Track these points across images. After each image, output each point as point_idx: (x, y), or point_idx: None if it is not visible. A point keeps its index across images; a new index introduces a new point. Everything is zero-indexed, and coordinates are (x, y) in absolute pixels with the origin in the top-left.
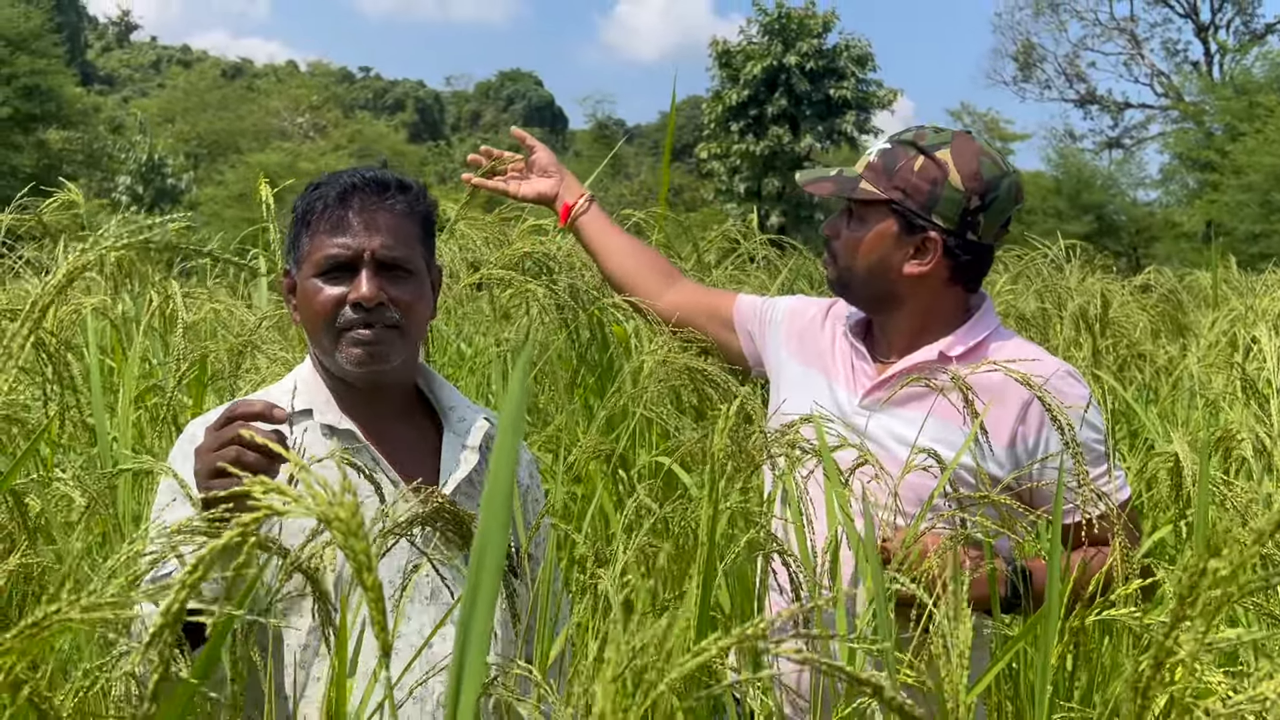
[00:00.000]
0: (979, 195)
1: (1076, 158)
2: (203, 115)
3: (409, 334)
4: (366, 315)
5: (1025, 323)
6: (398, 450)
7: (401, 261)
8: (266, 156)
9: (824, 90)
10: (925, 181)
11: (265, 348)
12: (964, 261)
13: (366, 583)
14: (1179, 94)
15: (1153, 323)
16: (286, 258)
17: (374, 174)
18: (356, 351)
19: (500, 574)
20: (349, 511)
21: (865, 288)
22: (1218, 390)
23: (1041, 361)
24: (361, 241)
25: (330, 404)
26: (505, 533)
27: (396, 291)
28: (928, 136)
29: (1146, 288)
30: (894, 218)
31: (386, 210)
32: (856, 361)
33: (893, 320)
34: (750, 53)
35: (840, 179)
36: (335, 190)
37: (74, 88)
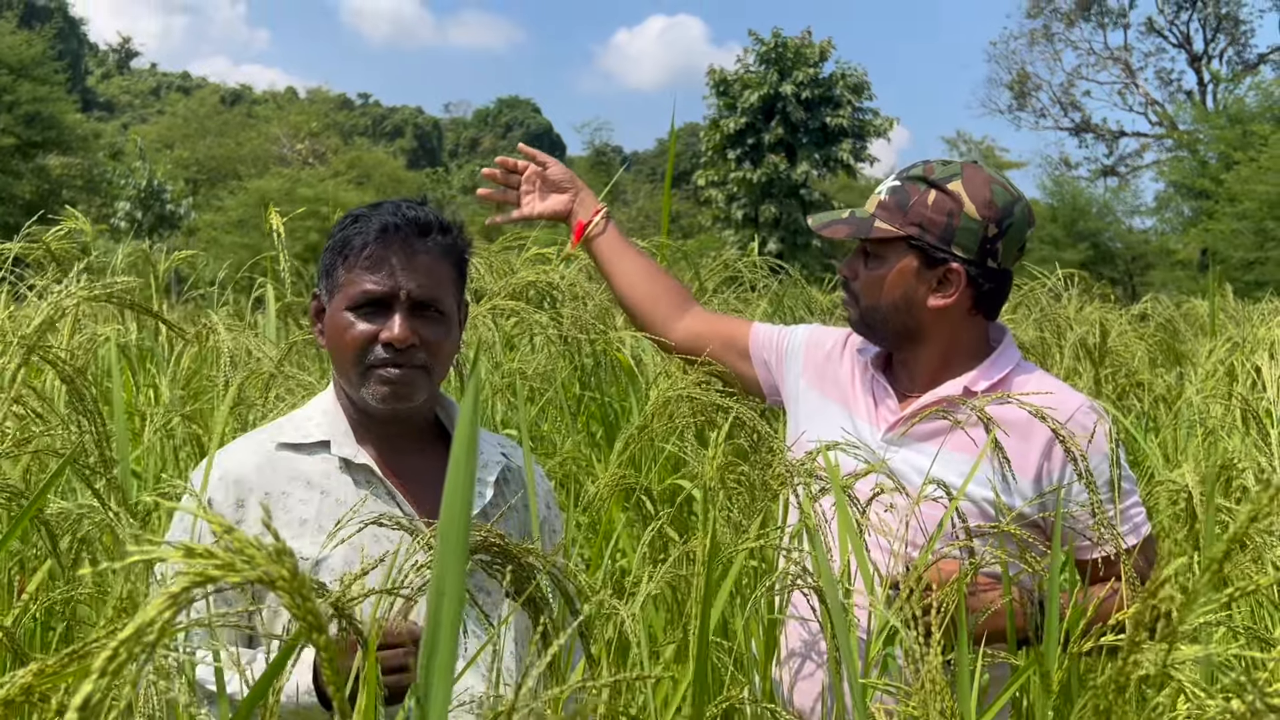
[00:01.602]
0: (995, 223)
1: (1072, 185)
2: (202, 141)
3: (435, 373)
4: (397, 355)
5: (1025, 352)
6: (414, 483)
7: (435, 303)
8: (266, 183)
9: (820, 118)
10: (941, 214)
11: (297, 375)
12: (986, 290)
13: (319, 643)
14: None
15: (1150, 352)
16: (319, 282)
17: (416, 213)
18: (383, 390)
19: (465, 565)
20: (290, 571)
21: (889, 325)
22: (1216, 419)
23: (1066, 397)
24: (399, 282)
25: (349, 436)
26: (467, 520)
27: (427, 333)
28: (936, 170)
29: (1144, 316)
30: (913, 253)
31: (425, 251)
32: (880, 395)
33: (916, 355)
34: (747, 81)
35: (854, 220)
36: (377, 224)
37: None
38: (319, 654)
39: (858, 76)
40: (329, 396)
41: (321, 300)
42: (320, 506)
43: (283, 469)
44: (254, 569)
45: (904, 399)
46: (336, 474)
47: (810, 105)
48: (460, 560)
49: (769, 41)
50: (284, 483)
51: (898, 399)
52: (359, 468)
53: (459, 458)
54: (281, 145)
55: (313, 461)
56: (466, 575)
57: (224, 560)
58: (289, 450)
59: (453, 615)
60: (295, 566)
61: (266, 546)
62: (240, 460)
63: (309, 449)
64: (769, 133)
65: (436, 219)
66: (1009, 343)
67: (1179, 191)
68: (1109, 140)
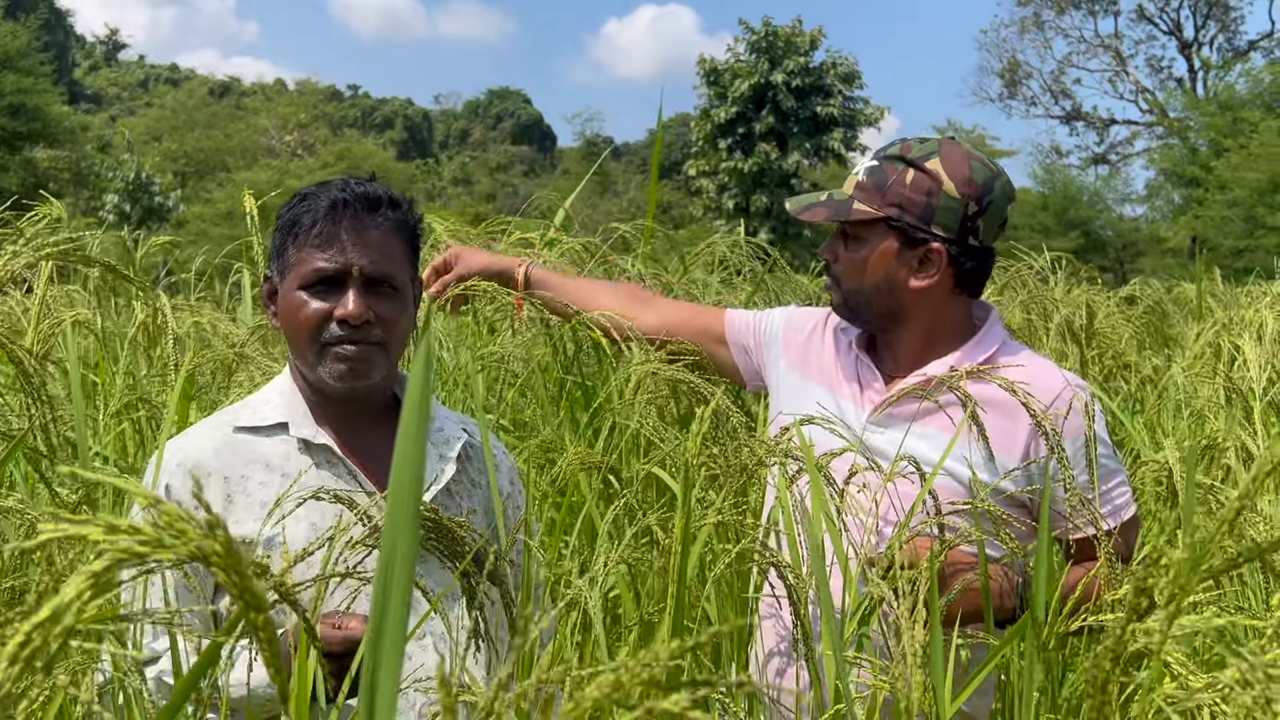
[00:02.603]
0: (975, 200)
1: (1063, 174)
2: (190, 134)
3: (391, 350)
4: (352, 332)
5: (1012, 335)
6: (375, 461)
7: (388, 279)
8: (254, 174)
9: (811, 107)
10: (920, 194)
11: (257, 360)
12: (968, 269)
13: (257, 622)
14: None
15: (1137, 334)
16: (269, 264)
17: (364, 188)
18: (340, 367)
19: (416, 539)
20: (224, 546)
21: (872, 308)
22: (1203, 400)
23: (1052, 376)
24: (350, 258)
25: (307, 417)
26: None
27: (381, 309)
28: (914, 148)
29: (1132, 299)
30: (893, 234)
31: (375, 227)
32: (865, 377)
33: (900, 336)
34: (738, 70)
35: (832, 203)
36: (325, 202)
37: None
38: (258, 635)
39: (848, 65)
40: (285, 379)
41: (274, 282)
42: (281, 489)
43: (242, 452)
44: (185, 544)
45: (889, 380)
46: (296, 455)
47: (801, 94)
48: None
49: (759, 30)
50: (243, 466)
51: (884, 380)
52: (318, 448)
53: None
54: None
55: (271, 444)
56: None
57: (151, 536)
58: (247, 433)
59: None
60: (229, 541)
61: (199, 520)
62: (198, 445)
63: (267, 431)
64: (760, 122)
65: (386, 194)
66: (994, 321)
67: (1169, 179)
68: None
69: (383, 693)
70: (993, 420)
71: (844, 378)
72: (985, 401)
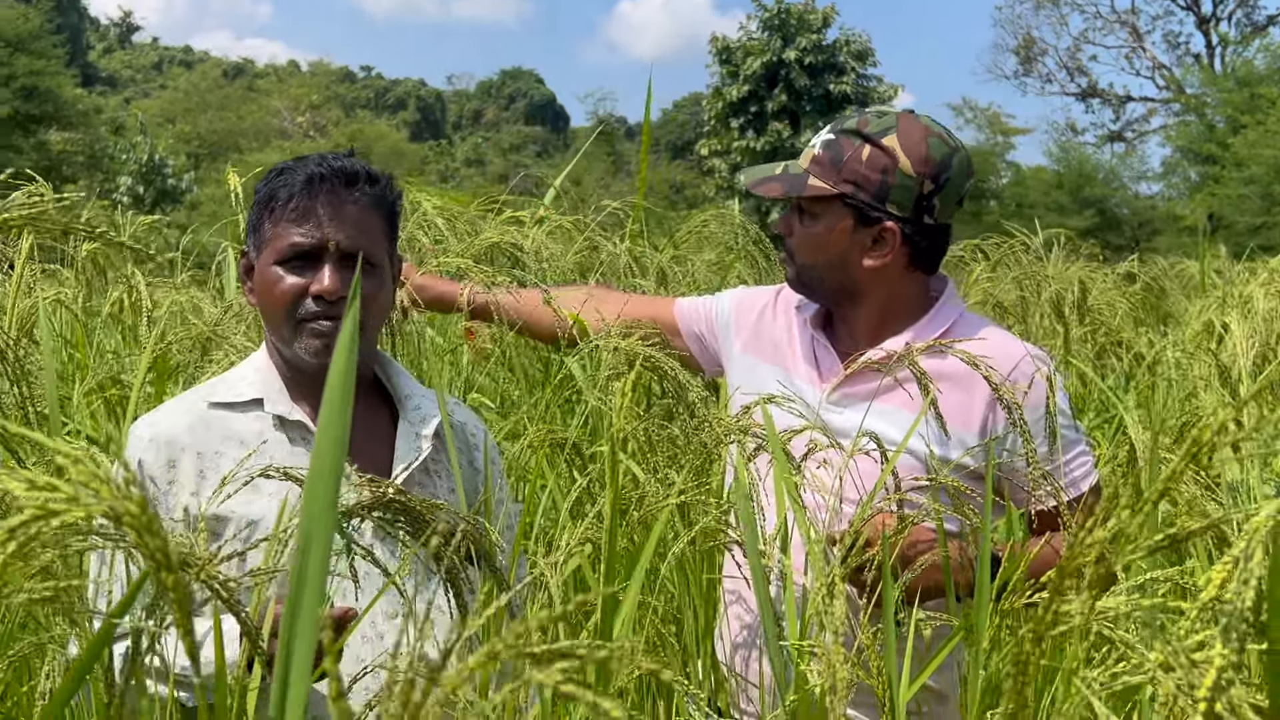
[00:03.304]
0: (931, 179)
1: (1078, 152)
2: (203, 115)
3: (368, 326)
4: (328, 308)
5: (1004, 311)
6: (351, 439)
7: (365, 255)
8: (266, 156)
9: (824, 86)
10: (875, 171)
11: (232, 338)
12: (923, 247)
13: (168, 583)
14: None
15: (1133, 310)
16: (246, 240)
17: (342, 163)
18: (315, 343)
19: (334, 514)
20: (139, 505)
21: (825, 284)
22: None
23: (1010, 348)
24: (327, 233)
25: (282, 393)
26: (339, 466)
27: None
28: (871, 123)
29: (1131, 276)
30: (848, 211)
31: (353, 202)
32: (821, 355)
33: (855, 313)
34: (750, 48)
35: (787, 177)
36: (301, 177)
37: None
38: (169, 597)
39: (862, 43)
40: (262, 355)
41: (250, 258)
42: (255, 465)
43: (216, 428)
44: (100, 503)
45: (846, 358)
46: (271, 432)
47: (814, 72)
48: (329, 509)
49: (772, 8)
50: (217, 442)
51: (840, 359)
52: (293, 425)
53: (334, 388)
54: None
55: (246, 420)
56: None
57: (69, 494)
58: (222, 409)
59: (318, 569)
60: (144, 501)
61: (116, 479)
62: (172, 421)
63: (242, 407)
64: (772, 100)
65: (364, 169)
66: (950, 294)
67: (1186, 156)
68: (1116, 105)
69: (295, 680)
70: (949, 394)
71: (800, 357)
72: (941, 375)
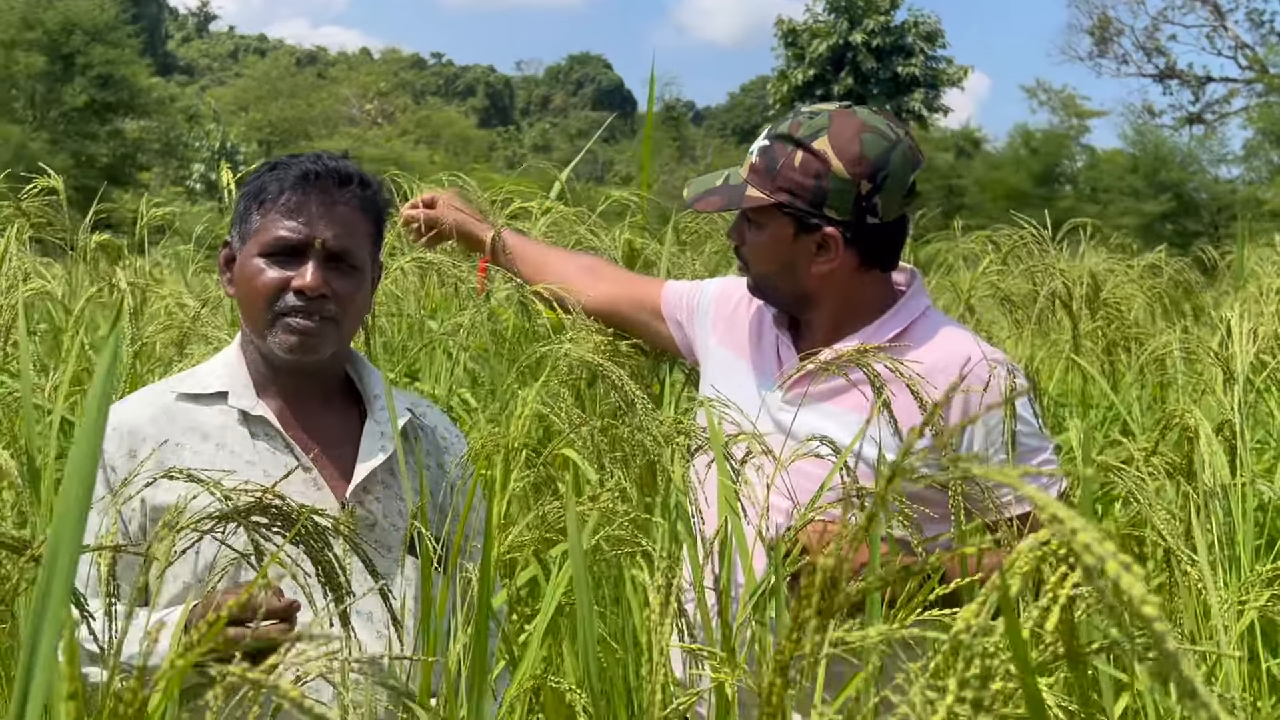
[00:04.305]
0: (868, 178)
1: (1155, 134)
2: (275, 103)
3: (343, 327)
4: (307, 304)
5: (1014, 306)
6: (318, 437)
7: (349, 255)
8: (334, 143)
9: (892, 68)
10: (808, 177)
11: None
12: (872, 247)
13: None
14: (1264, 67)
15: (1150, 304)
16: (231, 229)
17: (336, 163)
18: (290, 339)
19: (85, 517)
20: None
21: (779, 292)
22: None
23: (965, 349)
24: (315, 229)
25: (248, 388)
26: (93, 469)
27: (339, 284)
28: (803, 126)
29: (1156, 268)
30: (787, 220)
31: (344, 202)
32: (784, 353)
33: (812, 317)
34: (816, 31)
35: (726, 189)
36: (297, 171)
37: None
38: None
39: (931, 24)
40: (234, 348)
41: (233, 248)
42: (214, 459)
43: (180, 420)
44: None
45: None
46: (234, 426)
47: (881, 54)
48: (80, 514)
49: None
50: (179, 434)
51: (798, 357)
52: (256, 420)
53: (91, 409)
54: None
55: (210, 413)
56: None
57: None
58: (188, 401)
59: (65, 574)
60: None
61: None
62: (135, 411)
63: (208, 400)
64: (838, 83)
65: (357, 172)
66: (915, 292)
67: (1268, 138)
68: (1195, 86)
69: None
70: (903, 397)
71: (764, 354)
72: (895, 378)
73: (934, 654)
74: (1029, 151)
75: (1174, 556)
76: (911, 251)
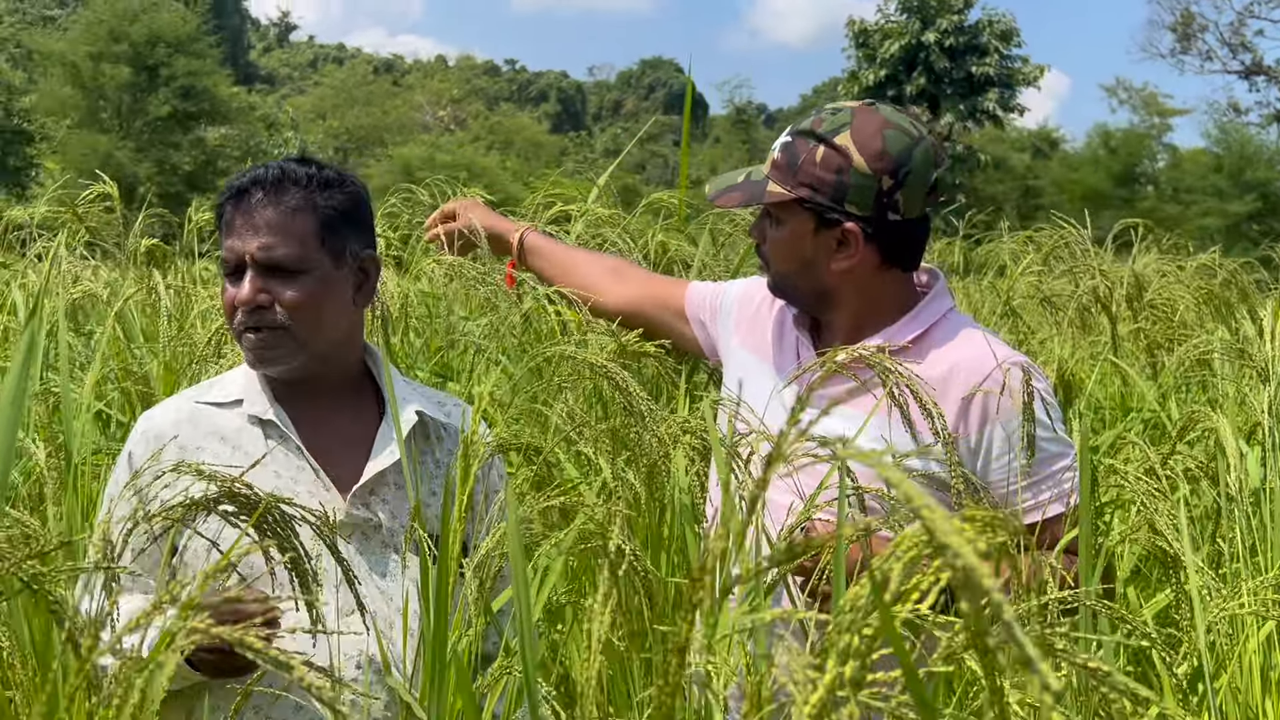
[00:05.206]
0: (889, 174)
1: (1240, 133)
2: (351, 111)
3: (301, 334)
4: (247, 317)
5: (1053, 308)
6: (330, 441)
7: (284, 262)
8: (408, 150)
9: (965, 68)
10: (830, 172)
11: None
12: (893, 244)
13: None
14: None
15: (1200, 306)
16: None
17: (261, 171)
18: (249, 354)
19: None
20: None
21: (800, 290)
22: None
23: (986, 351)
24: (243, 243)
25: (261, 395)
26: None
27: (282, 291)
28: (825, 121)
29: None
30: (808, 215)
31: (271, 208)
32: (804, 354)
33: (833, 316)
34: (888, 31)
35: (748, 185)
36: (232, 191)
37: (228, 87)
38: None
39: (1006, 22)
40: None
41: None
42: (230, 460)
43: (202, 424)
44: None
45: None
46: (249, 429)
47: (954, 54)
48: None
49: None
50: (200, 438)
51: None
52: (269, 424)
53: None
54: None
55: (229, 417)
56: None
57: None
58: (210, 407)
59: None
60: None
61: None
62: (163, 416)
63: (227, 406)
64: (911, 84)
65: (283, 172)
66: (938, 293)
67: None
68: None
69: None
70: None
71: (785, 355)
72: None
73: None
74: (1108, 151)
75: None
76: (962, 253)
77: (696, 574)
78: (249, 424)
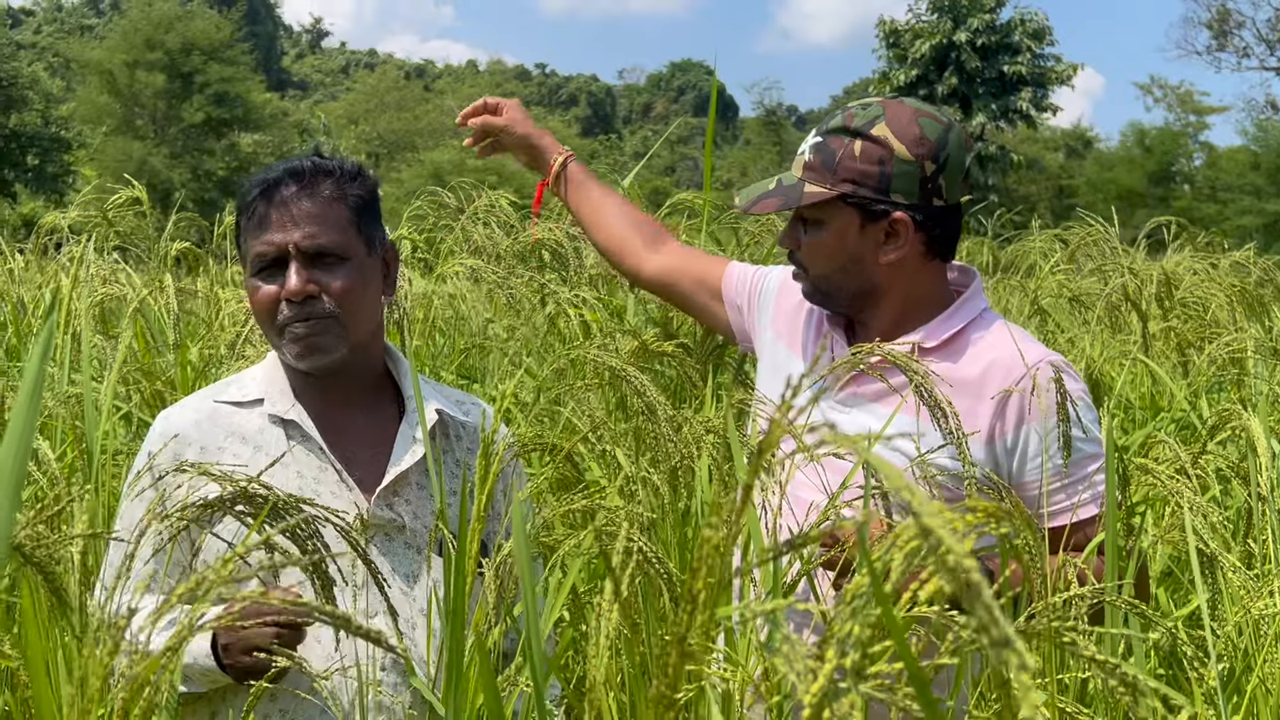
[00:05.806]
0: (931, 158)
1: (1278, 130)
2: (383, 116)
3: (348, 322)
4: (298, 309)
5: (1080, 306)
6: (351, 440)
7: (329, 249)
8: (439, 155)
9: (997, 67)
10: (871, 164)
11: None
12: (937, 233)
13: None
14: None
15: (1233, 303)
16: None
17: (295, 164)
18: (297, 347)
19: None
20: None
21: (844, 290)
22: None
23: (1022, 351)
24: (284, 235)
25: (284, 393)
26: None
27: (329, 280)
28: (856, 116)
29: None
30: (852, 211)
31: (308, 199)
32: (837, 353)
33: (875, 313)
34: (919, 31)
35: (783, 190)
36: (258, 187)
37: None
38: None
39: (1038, 21)
40: (272, 356)
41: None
42: (253, 460)
43: (222, 424)
44: None
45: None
46: (270, 429)
47: (986, 53)
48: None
49: None
50: (221, 438)
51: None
52: (290, 424)
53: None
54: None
55: (249, 417)
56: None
57: None
58: (229, 407)
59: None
60: None
61: None
62: (183, 416)
63: (247, 406)
64: (942, 84)
65: (311, 165)
66: (974, 292)
67: None
68: None
69: None
70: (956, 399)
71: (818, 353)
72: (948, 379)
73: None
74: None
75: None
76: (991, 252)
77: (695, 564)
78: (270, 424)
